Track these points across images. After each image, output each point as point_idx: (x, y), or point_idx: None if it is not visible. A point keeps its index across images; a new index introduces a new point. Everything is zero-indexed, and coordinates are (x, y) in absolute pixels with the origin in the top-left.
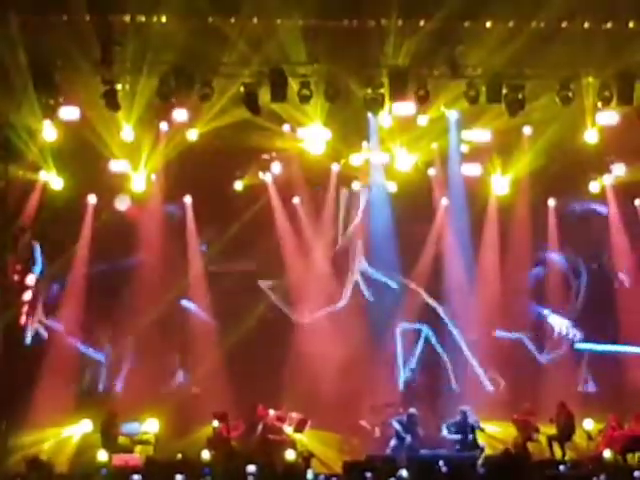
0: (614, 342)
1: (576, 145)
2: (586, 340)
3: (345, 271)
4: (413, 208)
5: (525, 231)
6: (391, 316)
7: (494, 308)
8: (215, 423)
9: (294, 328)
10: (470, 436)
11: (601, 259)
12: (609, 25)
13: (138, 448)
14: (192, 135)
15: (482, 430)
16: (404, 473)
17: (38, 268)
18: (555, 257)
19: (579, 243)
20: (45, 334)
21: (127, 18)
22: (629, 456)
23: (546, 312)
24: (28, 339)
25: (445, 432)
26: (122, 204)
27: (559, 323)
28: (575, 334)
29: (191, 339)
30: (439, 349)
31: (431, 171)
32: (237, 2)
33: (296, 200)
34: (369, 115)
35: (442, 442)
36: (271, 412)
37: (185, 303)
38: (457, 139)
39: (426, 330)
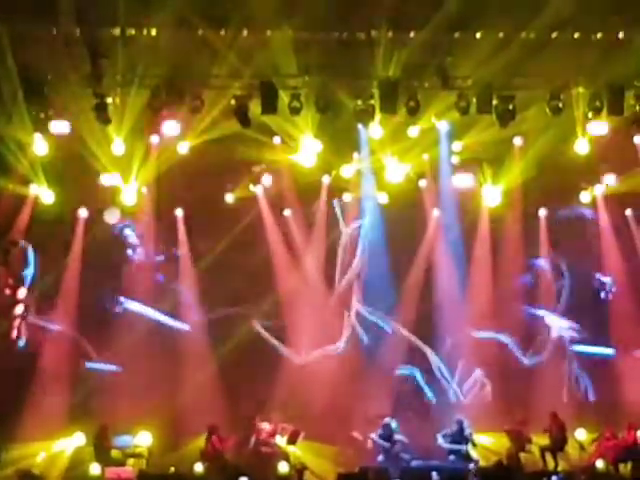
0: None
1: (567, 155)
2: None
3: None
4: (404, 219)
5: (517, 242)
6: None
7: (486, 318)
8: (208, 436)
9: (287, 338)
10: (465, 446)
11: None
12: (599, 35)
13: (131, 461)
14: (183, 148)
15: (474, 444)
16: None
17: (31, 270)
18: (544, 264)
19: (570, 252)
20: (37, 347)
21: (117, 31)
22: (621, 466)
23: (543, 313)
24: (20, 351)
25: (441, 441)
26: (111, 217)
27: (557, 324)
28: (573, 335)
29: (183, 352)
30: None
31: (422, 182)
32: (227, 14)
33: (287, 212)
34: (359, 126)
35: (434, 452)
36: (264, 425)
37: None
38: (448, 150)
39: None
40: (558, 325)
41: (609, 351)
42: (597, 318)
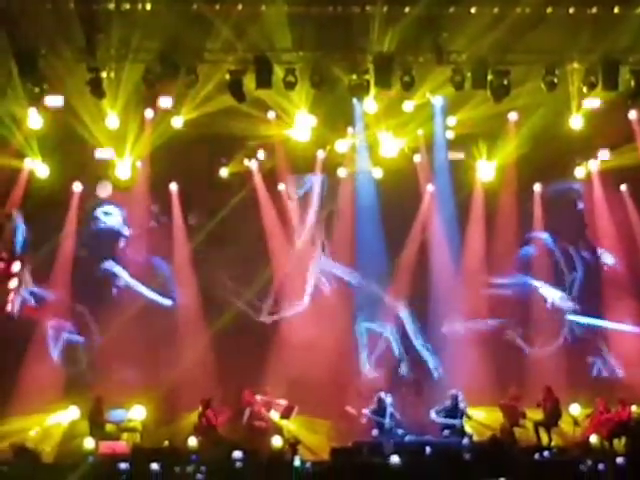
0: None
1: (561, 131)
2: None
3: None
4: (399, 194)
5: (511, 216)
6: (376, 304)
7: (480, 293)
8: (201, 409)
9: (281, 314)
10: (460, 421)
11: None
12: (594, 10)
13: (125, 435)
14: (177, 122)
15: (469, 418)
16: (396, 459)
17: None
18: (543, 236)
19: (565, 227)
20: (32, 321)
21: (112, 5)
22: (615, 441)
23: (538, 284)
24: (14, 325)
25: (434, 416)
26: (104, 191)
27: (552, 294)
28: (569, 305)
29: (177, 325)
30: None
31: (417, 157)
32: None
33: (281, 187)
34: (354, 101)
35: (428, 428)
36: (258, 397)
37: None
38: (442, 125)
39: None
40: (553, 295)
41: (604, 323)
42: (592, 293)
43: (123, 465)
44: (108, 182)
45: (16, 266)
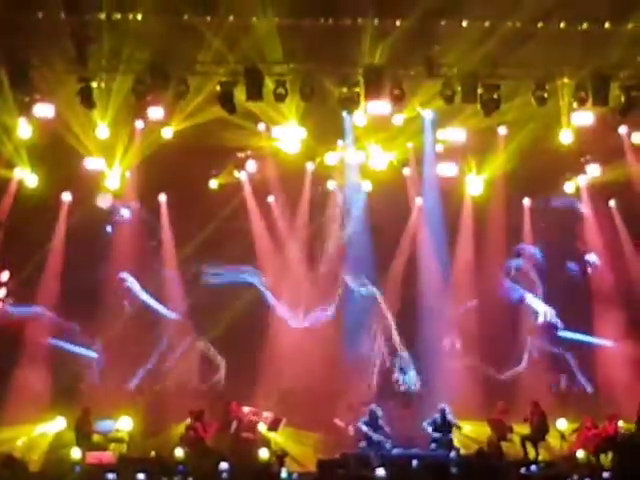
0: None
1: (551, 145)
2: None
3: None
4: (388, 207)
5: (500, 230)
6: (365, 318)
7: (469, 306)
8: (189, 421)
9: (269, 327)
10: (448, 435)
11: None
12: (585, 26)
13: (112, 446)
14: (167, 133)
15: (459, 428)
16: (381, 472)
17: None
18: (532, 250)
19: (554, 241)
20: (20, 331)
21: (102, 16)
22: (602, 456)
23: (529, 297)
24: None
25: (428, 428)
26: (104, 202)
27: (542, 309)
28: (558, 321)
29: (165, 337)
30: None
31: (406, 170)
32: (213, 0)
33: (271, 199)
34: (344, 114)
35: (416, 441)
36: (245, 409)
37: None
38: (432, 138)
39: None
40: (543, 310)
41: (594, 339)
42: (580, 307)
43: (110, 475)
44: (108, 193)
45: (4, 276)
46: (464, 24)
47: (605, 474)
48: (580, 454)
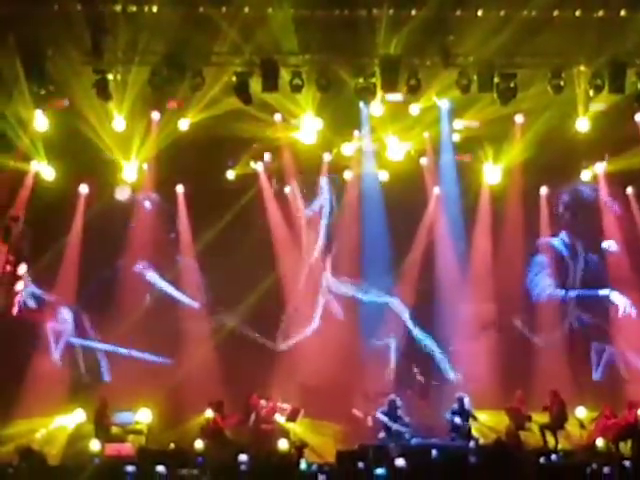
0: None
1: (568, 134)
2: None
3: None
4: (405, 197)
5: (518, 219)
6: (382, 308)
7: (488, 296)
8: (209, 412)
9: (286, 317)
10: (466, 424)
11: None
12: (600, 13)
13: (131, 438)
14: (183, 125)
15: (475, 419)
16: (401, 462)
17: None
18: (553, 242)
19: (574, 229)
20: (38, 323)
21: (118, 8)
22: (621, 445)
23: (607, 292)
24: (20, 328)
25: (451, 417)
26: (122, 194)
27: (622, 302)
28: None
29: (183, 327)
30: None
31: (423, 160)
32: None
33: (287, 189)
34: (361, 104)
35: (434, 431)
36: (263, 402)
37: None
38: (449, 128)
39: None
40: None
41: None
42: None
43: (129, 467)
44: (127, 185)
45: (22, 269)
46: (479, 13)
47: (625, 462)
48: (599, 443)
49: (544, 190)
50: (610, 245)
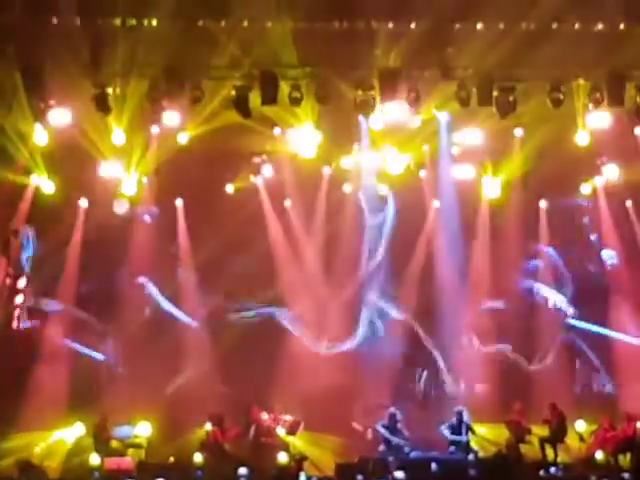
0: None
1: (567, 147)
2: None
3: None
4: (404, 210)
5: (517, 233)
6: (382, 319)
7: (484, 309)
8: (208, 426)
9: (286, 330)
10: (465, 437)
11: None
12: (600, 26)
13: (130, 451)
14: (183, 138)
15: (474, 433)
16: (400, 475)
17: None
18: (549, 251)
19: (571, 243)
20: (37, 336)
21: (117, 21)
22: (621, 457)
23: (538, 285)
24: (19, 341)
25: (446, 432)
26: (121, 208)
27: (553, 297)
28: (569, 310)
29: (183, 341)
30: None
31: (422, 173)
32: (227, 5)
33: (287, 203)
34: (360, 117)
35: (433, 443)
36: (264, 415)
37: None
38: (448, 141)
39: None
40: (555, 298)
41: (606, 331)
42: (599, 306)
43: None
44: (125, 199)
45: (22, 282)
46: (478, 26)
47: (624, 475)
48: (599, 455)
49: (543, 203)
50: (610, 256)
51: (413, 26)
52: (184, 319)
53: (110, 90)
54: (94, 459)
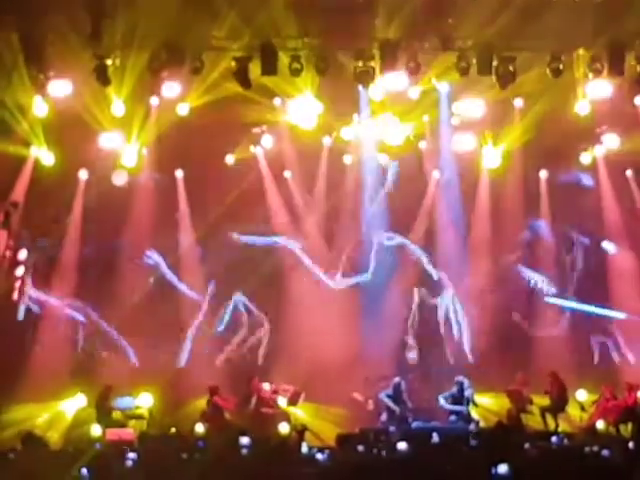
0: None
1: (567, 117)
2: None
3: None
4: (405, 180)
5: (517, 203)
6: (383, 291)
7: (486, 280)
8: (209, 396)
9: (288, 301)
10: (466, 407)
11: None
12: None
13: (132, 423)
14: (183, 109)
15: (475, 404)
16: (403, 445)
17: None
18: (544, 225)
19: (571, 215)
20: (37, 308)
21: None
22: (622, 427)
23: (520, 267)
24: (21, 314)
25: (442, 402)
26: (119, 179)
27: (533, 276)
28: (549, 288)
29: (184, 313)
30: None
31: (422, 144)
32: None
33: (287, 174)
34: (360, 88)
35: (435, 414)
36: (265, 386)
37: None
38: (448, 111)
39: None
40: (534, 277)
41: (606, 311)
42: (600, 282)
43: (131, 455)
44: (124, 170)
45: (22, 254)
46: None
47: (625, 445)
48: (600, 425)
49: (543, 174)
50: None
51: None
52: (185, 291)
53: (110, 61)
54: (96, 430)
